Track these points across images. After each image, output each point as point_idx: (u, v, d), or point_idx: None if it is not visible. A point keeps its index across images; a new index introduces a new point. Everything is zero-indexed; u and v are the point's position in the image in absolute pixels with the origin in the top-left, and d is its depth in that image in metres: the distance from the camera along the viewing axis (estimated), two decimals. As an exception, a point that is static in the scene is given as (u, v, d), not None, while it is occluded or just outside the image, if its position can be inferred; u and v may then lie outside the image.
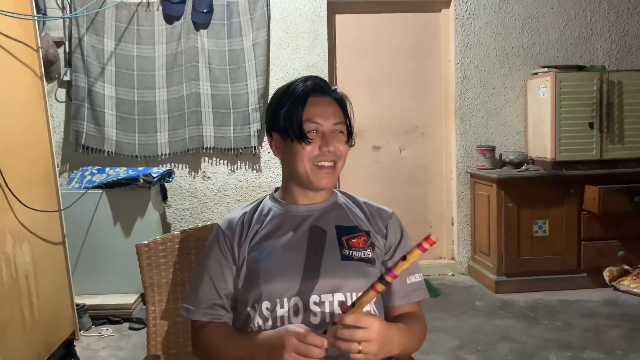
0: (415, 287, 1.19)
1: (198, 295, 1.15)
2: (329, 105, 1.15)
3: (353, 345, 0.92)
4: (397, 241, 1.20)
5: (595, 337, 2.79)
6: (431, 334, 2.83)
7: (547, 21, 3.93)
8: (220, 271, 1.14)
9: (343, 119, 1.17)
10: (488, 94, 3.94)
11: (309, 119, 1.12)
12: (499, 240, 3.50)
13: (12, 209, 2.25)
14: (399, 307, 1.18)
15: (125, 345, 2.85)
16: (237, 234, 1.16)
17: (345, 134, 1.17)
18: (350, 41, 3.97)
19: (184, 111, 3.64)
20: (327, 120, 1.13)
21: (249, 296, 1.11)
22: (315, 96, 1.14)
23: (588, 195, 3.43)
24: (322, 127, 1.13)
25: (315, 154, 1.13)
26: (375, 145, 4.03)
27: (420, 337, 1.16)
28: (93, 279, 3.20)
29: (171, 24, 3.62)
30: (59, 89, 3.64)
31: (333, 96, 1.17)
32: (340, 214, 1.19)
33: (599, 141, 3.55)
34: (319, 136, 1.13)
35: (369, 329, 0.93)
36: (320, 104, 1.14)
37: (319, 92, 1.15)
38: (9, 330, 2.11)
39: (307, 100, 1.14)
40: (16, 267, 2.24)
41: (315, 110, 1.13)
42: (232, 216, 1.20)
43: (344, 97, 1.20)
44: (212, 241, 1.19)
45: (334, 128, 1.14)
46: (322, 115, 1.13)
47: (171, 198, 3.75)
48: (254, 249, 1.13)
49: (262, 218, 1.18)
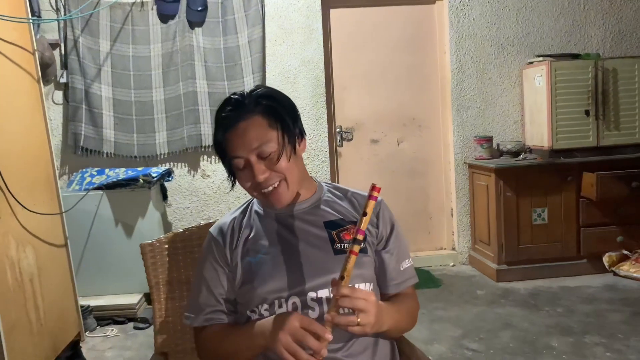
0: (409, 273, 1.22)
1: (198, 302, 1.17)
2: (245, 133, 1.07)
3: (352, 317, 0.95)
4: (388, 231, 1.20)
5: (596, 322, 2.81)
6: (434, 323, 2.88)
7: (541, 10, 3.93)
8: (217, 277, 1.16)
9: (269, 134, 1.08)
10: (484, 84, 3.95)
11: (232, 155, 1.09)
12: (499, 229, 3.53)
13: (14, 213, 2.26)
14: (394, 294, 1.20)
15: (131, 345, 2.87)
16: (228, 240, 1.17)
17: (281, 144, 1.08)
18: (345, 35, 3.98)
19: (181, 110, 3.65)
20: (245, 150, 1.07)
21: (247, 300, 1.12)
22: (230, 128, 1.08)
23: (586, 182, 3.45)
24: (245, 159, 1.08)
25: (253, 185, 1.10)
26: (374, 138, 4.04)
27: (411, 314, 1.20)
28: (96, 280, 3.22)
29: (166, 23, 3.62)
30: (56, 91, 3.64)
31: (252, 114, 1.08)
32: (328, 208, 1.19)
33: (595, 128, 3.57)
34: (249, 167, 1.09)
35: (367, 300, 0.97)
36: (236, 135, 1.08)
37: (234, 121, 1.08)
38: (16, 333, 2.13)
39: (225, 136, 1.09)
40: (21, 271, 2.25)
41: (233, 145, 1.08)
42: (222, 222, 1.21)
43: (269, 105, 1.09)
44: (206, 248, 1.20)
45: (258, 152, 1.07)
46: (239, 148, 1.08)
47: (171, 197, 3.76)
48: (247, 253, 1.14)
49: (252, 221, 1.19)
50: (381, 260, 1.19)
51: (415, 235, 4.08)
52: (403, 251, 1.22)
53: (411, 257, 1.25)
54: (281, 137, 1.09)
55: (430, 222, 4.16)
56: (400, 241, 1.21)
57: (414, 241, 4.05)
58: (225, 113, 1.10)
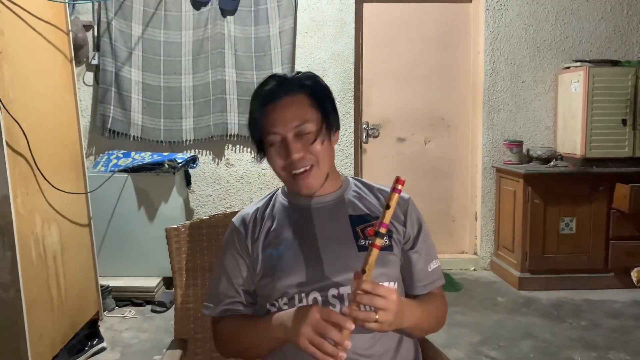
0: (437, 274, 1.19)
1: (217, 292, 1.15)
2: (287, 108, 1.06)
3: (371, 314, 0.93)
4: (416, 231, 1.17)
5: (622, 338, 2.73)
6: (452, 328, 2.83)
7: (581, 14, 3.81)
8: (237, 268, 1.14)
9: (310, 114, 1.07)
10: (517, 87, 3.85)
11: (268, 130, 1.07)
12: (524, 236, 3.44)
13: (42, 190, 2.28)
14: (421, 295, 1.17)
15: (148, 327, 2.88)
16: (250, 231, 1.15)
17: (320, 128, 1.08)
18: (377, 30, 3.92)
19: (209, 98, 3.65)
20: (285, 127, 1.06)
21: (267, 292, 1.10)
22: (273, 102, 1.07)
23: (618, 194, 3.34)
24: (282, 136, 1.06)
25: (285, 164, 1.08)
26: (400, 136, 3.98)
27: (438, 315, 1.16)
28: (117, 261, 3.25)
29: (198, 9, 3.61)
30: (87, 73, 3.67)
31: (297, 91, 1.08)
32: (353, 203, 1.16)
33: (631, 138, 3.45)
34: (283, 146, 1.07)
35: (388, 298, 0.93)
36: (277, 111, 1.06)
37: (275, 96, 1.07)
38: (37, 309, 2.15)
39: (264, 110, 1.08)
40: (44, 247, 2.28)
41: (272, 119, 1.07)
42: (245, 212, 1.19)
43: (315, 85, 1.10)
44: (227, 238, 1.18)
45: (297, 131, 1.06)
46: (279, 123, 1.06)
47: (195, 184, 3.77)
48: (269, 245, 1.12)
49: (274, 213, 1.16)
50: (408, 260, 1.16)
51: (436, 237, 3.95)
52: (430, 252, 1.19)
53: None
54: (321, 120, 1.08)
55: (453, 224, 4.09)
56: (428, 242, 1.19)
57: (435, 243, 3.97)
58: (268, 87, 1.09)
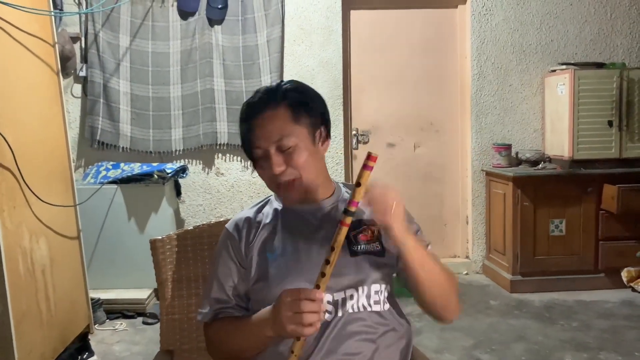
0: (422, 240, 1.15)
1: (210, 298, 1.16)
2: (268, 123, 1.07)
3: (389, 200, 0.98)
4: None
5: (613, 339, 2.74)
6: (445, 332, 2.83)
7: (565, 17, 3.86)
8: (229, 274, 1.14)
9: (291, 128, 1.07)
10: (504, 91, 3.88)
11: (254, 145, 1.09)
12: (515, 239, 3.46)
13: (29, 203, 2.27)
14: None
15: (140, 339, 2.86)
16: (244, 236, 1.15)
17: (303, 139, 1.08)
18: (365, 37, 3.95)
19: (198, 107, 3.65)
20: (267, 141, 1.07)
21: (261, 298, 1.10)
22: (255, 117, 1.09)
23: (607, 195, 3.37)
24: (263, 150, 1.08)
25: (271, 177, 1.09)
26: (390, 142, 3.99)
27: (442, 268, 1.11)
28: (107, 273, 3.23)
29: (186, 19, 3.62)
30: (75, 85, 3.67)
31: (278, 104, 1.08)
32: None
33: (618, 139, 3.48)
34: (267, 159, 1.08)
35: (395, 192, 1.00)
36: (259, 125, 1.08)
37: (259, 110, 1.08)
38: (25, 323, 2.13)
39: (249, 124, 1.09)
40: (33, 261, 2.26)
41: (255, 134, 1.08)
42: (239, 218, 1.19)
43: (296, 99, 1.09)
44: (221, 244, 1.19)
45: (278, 145, 1.06)
46: (261, 138, 1.07)
47: (185, 194, 3.76)
48: (262, 250, 1.13)
49: (268, 219, 1.17)
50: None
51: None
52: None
53: None
54: (304, 133, 1.08)
55: (445, 229, 4.10)
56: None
57: (427, 248, 3.99)
58: (252, 101, 1.12)
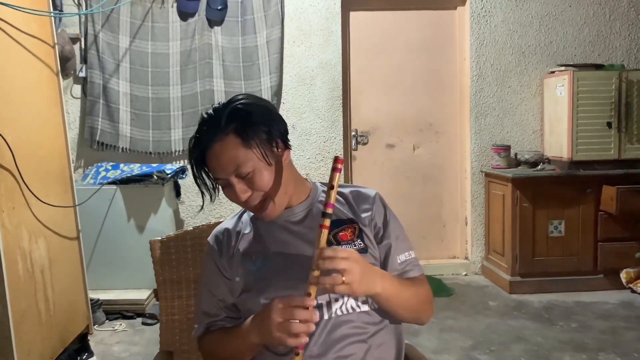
0: (408, 264, 1.15)
1: (200, 312, 1.17)
2: (220, 156, 1.04)
3: (337, 277, 0.94)
4: (382, 220, 1.16)
5: (612, 340, 2.74)
6: (444, 333, 2.83)
7: (564, 19, 3.87)
8: (217, 286, 1.15)
9: (244, 155, 1.04)
10: (504, 92, 3.89)
11: (214, 177, 1.08)
12: (514, 240, 3.46)
13: (29, 204, 2.27)
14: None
15: (139, 340, 2.86)
16: (224, 248, 1.15)
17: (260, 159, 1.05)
18: (364, 38, 3.95)
19: (197, 108, 3.65)
20: (224, 172, 1.05)
21: (249, 308, 1.10)
22: (207, 150, 1.05)
23: (605, 196, 3.37)
24: (225, 180, 1.06)
25: (239, 202, 1.09)
26: (389, 143, 4.00)
27: (416, 293, 1.11)
28: (107, 274, 3.23)
29: (185, 20, 3.63)
30: (75, 85, 3.67)
31: (224, 134, 1.04)
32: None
33: (617, 141, 3.49)
34: (231, 187, 1.06)
35: (349, 258, 0.95)
36: (212, 158, 1.05)
37: (208, 144, 1.05)
38: (25, 324, 2.13)
39: (204, 156, 1.06)
40: (32, 262, 2.26)
41: (211, 167, 1.07)
42: (218, 231, 1.19)
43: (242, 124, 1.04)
44: (206, 257, 1.19)
45: (237, 174, 1.05)
46: (218, 170, 1.06)
47: (184, 194, 3.76)
48: (244, 260, 1.12)
49: (248, 228, 1.17)
50: (380, 253, 1.15)
51: (428, 243, 4.03)
52: (400, 242, 1.16)
53: (423, 264, 1.20)
54: (258, 154, 1.04)
55: (444, 229, 4.10)
56: (396, 232, 1.16)
57: (426, 248, 4.00)
58: (199, 133, 1.07)
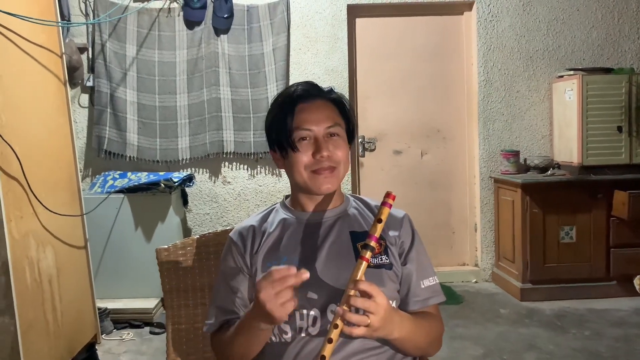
0: (432, 290, 1.15)
1: (216, 308, 1.15)
2: (320, 109, 1.11)
3: (364, 318, 0.92)
4: (409, 242, 1.16)
5: (625, 347, 2.69)
6: (454, 341, 2.79)
7: (572, 23, 3.84)
8: (235, 283, 1.13)
9: (340, 120, 1.12)
10: (512, 97, 3.86)
11: (299, 126, 1.09)
12: (524, 246, 3.42)
13: (36, 213, 2.27)
14: (415, 312, 1.14)
15: (147, 349, 2.85)
16: (248, 245, 1.14)
17: (344, 136, 1.13)
18: (370, 45, 3.94)
19: (204, 116, 3.66)
20: (318, 125, 1.09)
21: None
22: (304, 102, 1.11)
23: (617, 201, 3.32)
24: (314, 133, 1.09)
25: (310, 162, 1.09)
26: (396, 149, 3.98)
27: (428, 333, 1.11)
28: (114, 283, 3.23)
29: (192, 29, 3.64)
30: (82, 95, 3.69)
31: (327, 98, 1.13)
32: (354, 220, 1.15)
33: (628, 145, 3.44)
34: (311, 143, 1.09)
35: (379, 303, 0.92)
36: (309, 110, 1.10)
37: (309, 97, 1.11)
38: (32, 333, 2.12)
39: (295, 108, 1.10)
40: (40, 271, 2.26)
41: (304, 117, 1.09)
42: (243, 226, 1.18)
43: (340, 98, 1.16)
44: (225, 253, 1.17)
45: (328, 132, 1.10)
46: (312, 121, 1.09)
47: (192, 203, 3.76)
48: (267, 259, 1.11)
49: (274, 227, 1.15)
50: (402, 274, 1.14)
51: (437, 250, 3.99)
52: (425, 269, 1.16)
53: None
54: (344, 129, 1.13)
55: (453, 236, 4.06)
56: (421, 258, 1.16)
57: (435, 255, 3.96)
58: (300, 88, 1.13)
